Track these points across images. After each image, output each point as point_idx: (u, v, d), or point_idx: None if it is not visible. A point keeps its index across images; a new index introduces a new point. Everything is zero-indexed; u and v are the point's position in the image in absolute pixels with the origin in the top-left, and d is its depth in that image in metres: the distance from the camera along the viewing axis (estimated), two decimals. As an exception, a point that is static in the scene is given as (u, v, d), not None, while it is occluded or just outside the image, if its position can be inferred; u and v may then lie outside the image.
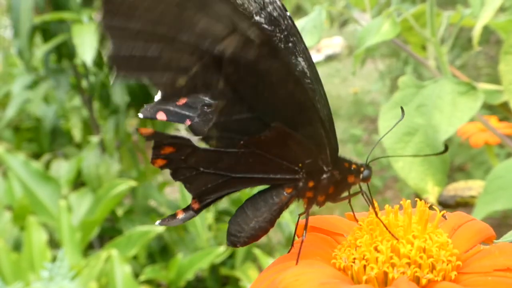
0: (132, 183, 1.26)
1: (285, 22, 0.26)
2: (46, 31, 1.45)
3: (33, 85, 1.59)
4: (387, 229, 0.25)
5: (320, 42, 3.91)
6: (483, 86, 0.64)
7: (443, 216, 0.27)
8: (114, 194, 1.25)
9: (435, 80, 0.55)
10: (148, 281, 1.26)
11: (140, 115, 0.28)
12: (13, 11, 1.38)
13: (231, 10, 0.24)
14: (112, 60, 0.24)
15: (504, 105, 0.66)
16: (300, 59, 0.27)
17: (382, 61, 2.74)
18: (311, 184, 0.28)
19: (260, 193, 0.28)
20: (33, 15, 1.38)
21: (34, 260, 1.08)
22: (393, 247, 0.24)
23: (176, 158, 0.27)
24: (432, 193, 0.54)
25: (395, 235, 0.25)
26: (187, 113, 0.28)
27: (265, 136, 0.26)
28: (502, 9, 0.73)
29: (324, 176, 0.28)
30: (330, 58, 4.18)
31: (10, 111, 1.64)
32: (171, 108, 0.28)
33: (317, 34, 0.57)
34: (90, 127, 1.62)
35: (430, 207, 0.26)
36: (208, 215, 1.36)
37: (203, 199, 0.29)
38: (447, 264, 0.24)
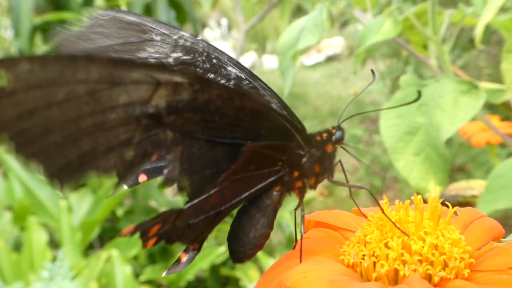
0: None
1: (201, 45, 0.27)
2: (46, 31, 1.45)
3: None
4: (395, 225, 0.24)
5: (321, 43, 3.91)
6: (485, 85, 0.63)
7: (455, 212, 0.26)
8: (114, 194, 1.25)
9: (436, 79, 0.54)
10: (148, 281, 1.25)
11: (125, 187, 0.27)
12: (14, 11, 1.38)
13: (144, 70, 0.23)
14: (52, 178, 0.23)
15: (506, 104, 0.65)
16: (229, 68, 0.27)
17: (383, 61, 2.74)
18: (296, 173, 0.28)
19: (249, 200, 0.28)
20: (34, 15, 1.38)
21: (34, 260, 1.08)
22: (404, 243, 0.24)
23: (165, 230, 0.26)
24: (433, 192, 0.54)
25: (406, 232, 0.24)
26: (162, 164, 0.27)
27: (240, 163, 0.26)
28: (503, 9, 0.73)
29: (304, 159, 0.27)
30: (330, 59, 4.18)
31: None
32: (148, 167, 0.27)
33: (318, 33, 0.57)
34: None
35: (442, 203, 0.26)
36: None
37: (201, 240, 0.28)
38: (460, 262, 0.23)
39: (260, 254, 1.18)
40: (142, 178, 0.27)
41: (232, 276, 1.33)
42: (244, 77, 0.27)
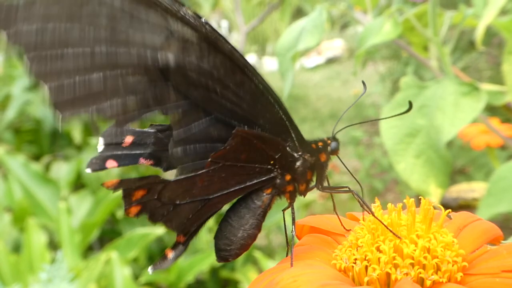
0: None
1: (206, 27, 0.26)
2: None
3: (33, 87, 1.59)
4: (388, 228, 0.24)
5: (321, 45, 3.91)
6: (486, 87, 0.63)
7: (448, 215, 0.26)
8: (114, 196, 1.24)
9: (437, 81, 0.54)
10: (148, 284, 1.25)
11: (88, 171, 0.26)
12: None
13: (161, 14, 0.23)
14: (56, 107, 0.23)
15: (507, 106, 0.65)
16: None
17: (383, 63, 2.74)
18: (288, 177, 0.27)
19: (240, 201, 0.28)
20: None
21: (33, 262, 1.07)
22: (396, 247, 0.23)
23: (149, 199, 0.26)
24: (434, 195, 0.54)
25: (398, 235, 0.24)
26: (138, 151, 0.27)
27: (230, 146, 0.26)
28: (504, 11, 0.73)
29: (298, 163, 0.27)
30: (330, 61, 4.18)
31: (10, 113, 1.64)
32: (119, 152, 0.27)
33: (317, 34, 0.57)
34: (90, 128, 1.61)
35: (443, 206, 0.25)
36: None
37: (187, 231, 0.28)
38: (453, 265, 0.23)
39: (260, 256, 1.17)
40: (111, 163, 0.27)
41: (231, 279, 1.33)
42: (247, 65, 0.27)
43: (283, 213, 0.29)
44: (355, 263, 0.24)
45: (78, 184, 1.52)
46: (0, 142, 1.85)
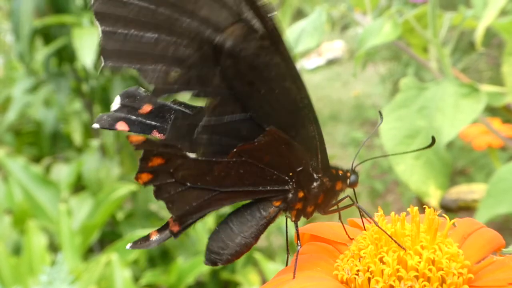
0: (133, 187, 1.26)
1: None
2: (46, 35, 1.45)
3: (33, 89, 1.59)
4: (392, 239, 0.23)
5: (321, 46, 3.91)
6: (486, 88, 0.63)
7: (453, 224, 0.25)
8: (114, 198, 1.24)
9: (437, 82, 0.54)
10: (148, 285, 1.25)
11: (96, 126, 0.26)
12: (14, 14, 1.38)
13: None
14: (102, 50, 0.23)
15: (507, 107, 0.65)
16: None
17: (383, 64, 2.74)
18: (301, 194, 0.26)
19: (245, 206, 0.27)
20: (34, 19, 1.38)
21: (33, 264, 1.07)
22: (400, 258, 0.23)
23: (163, 171, 0.25)
24: (434, 196, 0.54)
25: (402, 245, 0.23)
26: (153, 122, 0.26)
27: (259, 142, 0.25)
28: (503, 12, 0.73)
29: (315, 184, 0.26)
30: (331, 62, 4.18)
31: (11, 115, 1.64)
32: (133, 118, 0.26)
33: (317, 35, 0.57)
34: (90, 130, 1.61)
35: (443, 208, 0.25)
36: (208, 219, 1.35)
37: (184, 220, 0.27)
38: (458, 277, 0.22)
39: (260, 258, 1.17)
40: (122, 126, 0.26)
41: (232, 280, 1.33)
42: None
43: (286, 217, 0.28)
44: (357, 274, 0.23)
45: (79, 186, 1.52)
46: (1, 144, 1.85)
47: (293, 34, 0.62)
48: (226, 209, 0.28)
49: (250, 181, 0.26)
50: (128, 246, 0.26)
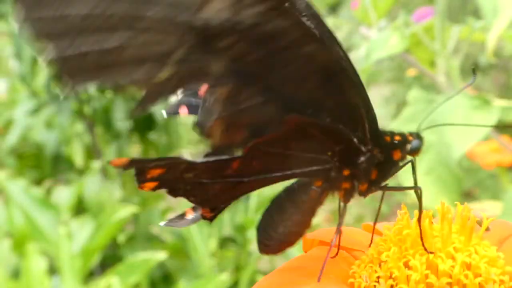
0: (134, 209, 1.24)
1: None
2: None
3: (35, 111, 1.58)
4: (421, 239, 0.20)
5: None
6: (497, 102, 0.62)
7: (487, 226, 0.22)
8: (115, 221, 1.23)
9: (446, 95, 0.52)
10: (149, 310, 1.22)
11: (164, 114, 0.24)
12: (16, 36, 1.38)
13: None
14: (57, 65, 0.18)
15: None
16: None
17: (386, 86, 2.73)
18: (346, 172, 0.22)
19: (285, 190, 0.23)
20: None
21: (32, 288, 1.05)
22: (429, 262, 0.20)
23: (169, 177, 0.22)
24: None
25: (431, 248, 0.20)
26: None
27: (277, 133, 0.21)
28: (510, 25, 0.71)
29: (362, 158, 0.22)
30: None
31: (12, 137, 1.63)
32: (194, 100, 0.23)
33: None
34: (92, 152, 1.60)
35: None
36: (211, 242, 1.32)
37: (214, 207, 0.23)
38: (500, 285, 0.19)
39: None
40: (183, 110, 0.24)
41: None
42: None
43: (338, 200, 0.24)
44: (378, 281, 0.20)
45: (80, 208, 1.50)
46: (2, 167, 1.84)
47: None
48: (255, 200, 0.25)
49: (279, 168, 0.22)
50: (162, 223, 0.24)
